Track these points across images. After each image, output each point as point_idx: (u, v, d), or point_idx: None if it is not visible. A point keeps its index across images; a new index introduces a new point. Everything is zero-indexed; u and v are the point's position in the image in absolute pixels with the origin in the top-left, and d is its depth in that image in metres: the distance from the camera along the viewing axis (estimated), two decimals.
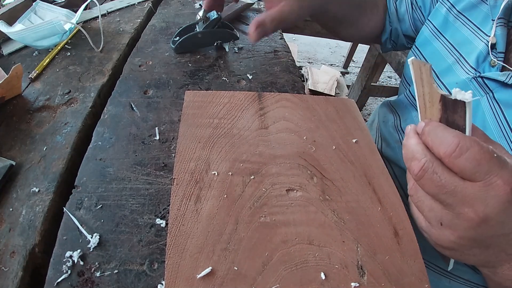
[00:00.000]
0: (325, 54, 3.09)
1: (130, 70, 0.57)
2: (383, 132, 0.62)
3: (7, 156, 0.41)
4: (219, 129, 0.41)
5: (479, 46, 0.43)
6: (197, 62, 0.62)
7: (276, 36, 0.77)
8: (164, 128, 0.46)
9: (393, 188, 0.38)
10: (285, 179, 0.37)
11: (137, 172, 0.40)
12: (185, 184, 0.35)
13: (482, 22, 0.45)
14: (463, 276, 0.46)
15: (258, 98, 0.47)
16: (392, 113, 0.61)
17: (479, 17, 0.46)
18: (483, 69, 0.42)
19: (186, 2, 0.90)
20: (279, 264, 0.30)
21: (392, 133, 0.58)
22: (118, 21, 0.74)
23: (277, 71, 0.63)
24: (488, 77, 0.41)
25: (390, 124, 0.60)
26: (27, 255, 0.32)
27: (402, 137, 0.54)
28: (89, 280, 0.30)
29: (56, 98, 0.50)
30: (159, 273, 0.31)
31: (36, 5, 0.69)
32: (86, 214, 0.35)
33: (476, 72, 0.43)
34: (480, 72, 0.42)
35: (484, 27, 0.45)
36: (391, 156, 0.57)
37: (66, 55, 0.60)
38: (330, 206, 0.35)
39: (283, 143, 0.41)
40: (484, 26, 0.45)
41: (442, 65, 0.49)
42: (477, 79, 0.42)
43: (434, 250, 0.30)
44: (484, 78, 0.41)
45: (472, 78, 0.43)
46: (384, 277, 0.30)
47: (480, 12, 0.46)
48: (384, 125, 0.62)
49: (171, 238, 0.30)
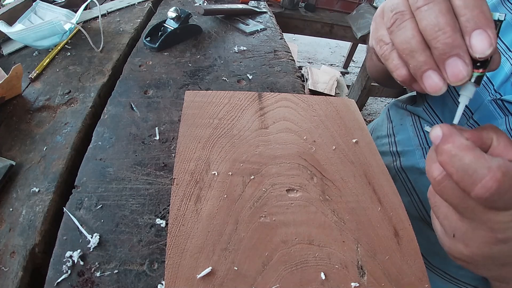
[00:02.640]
0: (325, 54, 3.09)
1: (130, 70, 0.57)
2: (399, 135, 0.58)
3: (7, 156, 0.41)
4: (219, 129, 0.41)
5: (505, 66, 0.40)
6: (197, 62, 0.62)
7: (276, 36, 0.77)
8: (164, 128, 0.46)
9: (393, 188, 0.38)
10: (285, 179, 0.37)
11: (137, 172, 0.40)
12: (185, 184, 0.35)
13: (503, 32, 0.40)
14: (471, 283, 0.46)
15: (258, 98, 0.47)
16: (410, 115, 0.57)
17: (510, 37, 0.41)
18: (504, 90, 0.40)
19: (186, 2, 0.90)
20: (279, 264, 0.30)
21: (412, 137, 0.54)
22: (118, 21, 0.74)
23: (277, 71, 0.63)
24: (508, 100, 0.38)
25: (408, 127, 0.56)
26: (27, 255, 0.32)
27: (422, 141, 0.51)
28: (89, 280, 0.30)
29: (56, 98, 0.50)
30: (159, 273, 0.31)
31: (36, 5, 0.69)
32: (86, 214, 0.35)
33: (496, 94, 0.40)
34: (500, 94, 0.40)
35: (505, 37, 0.40)
36: (408, 161, 0.53)
37: (66, 55, 0.60)
38: (330, 206, 0.35)
39: (283, 143, 0.41)
40: (505, 36, 0.40)
41: None
42: (497, 102, 0.40)
43: (442, 256, 0.29)
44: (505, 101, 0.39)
45: (492, 100, 0.40)
46: (384, 277, 0.30)
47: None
48: (402, 128, 0.58)
49: (171, 238, 0.30)
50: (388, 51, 0.24)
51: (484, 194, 0.19)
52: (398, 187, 0.38)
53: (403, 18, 0.22)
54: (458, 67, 0.21)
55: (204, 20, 0.79)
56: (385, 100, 2.53)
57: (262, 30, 0.79)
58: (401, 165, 0.54)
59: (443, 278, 0.48)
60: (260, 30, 0.79)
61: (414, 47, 0.22)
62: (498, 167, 0.19)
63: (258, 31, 0.78)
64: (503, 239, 0.21)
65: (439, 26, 0.20)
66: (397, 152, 0.56)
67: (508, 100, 0.38)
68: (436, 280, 0.48)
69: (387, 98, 2.46)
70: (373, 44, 0.27)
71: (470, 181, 0.20)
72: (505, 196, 0.19)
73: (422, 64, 0.22)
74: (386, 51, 0.24)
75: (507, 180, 0.19)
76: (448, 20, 0.20)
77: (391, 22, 0.23)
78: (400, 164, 0.54)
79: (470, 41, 0.20)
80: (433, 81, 0.22)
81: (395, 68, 0.24)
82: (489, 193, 0.19)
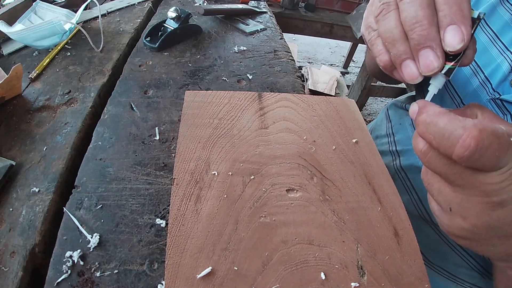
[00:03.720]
0: (325, 54, 3.09)
1: (130, 70, 0.57)
2: (399, 135, 0.59)
3: (7, 156, 0.41)
4: (219, 129, 0.41)
5: (503, 65, 0.40)
6: (197, 62, 0.62)
7: (276, 36, 0.77)
8: (164, 128, 0.46)
9: (393, 188, 0.38)
10: (285, 179, 0.37)
11: (137, 172, 0.40)
12: (185, 184, 0.35)
13: (501, 31, 0.41)
14: (470, 280, 0.46)
15: (258, 98, 0.47)
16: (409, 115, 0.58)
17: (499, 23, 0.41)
18: (503, 89, 0.40)
19: (186, 2, 0.90)
20: (279, 264, 0.30)
21: (411, 136, 0.54)
22: (118, 21, 0.74)
23: (277, 71, 0.63)
24: (507, 100, 0.38)
25: (407, 126, 0.57)
26: (27, 255, 0.32)
27: None
28: (89, 280, 0.30)
29: (56, 98, 0.50)
30: (159, 273, 0.31)
31: (36, 5, 0.69)
32: (86, 214, 0.35)
33: (494, 93, 0.40)
34: (499, 94, 0.40)
35: (503, 36, 0.41)
36: (407, 160, 0.54)
37: (66, 55, 0.60)
38: (330, 206, 0.35)
39: (283, 143, 0.41)
40: (503, 35, 0.41)
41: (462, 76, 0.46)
42: (495, 101, 0.40)
43: (442, 253, 0.29)
44: (503, 101, 0.39)
45: (491, 99, 0.40)
46: (384, 277, 0.30)
47: (500, 18, 0.41)
48: (401, 127, 0.59)
49: (171, 238, 0.30)
50: (374, 37, 0.26)
51: (464, 153, 0.19)
52: (398, 186, 0.39)
53: (389, 9, 0.24)
54: (430, 58, 0.22)
55: (204, 20, 0.79)
56: (385, 100, 2.53)
57: (262, 30, 0.79)
58: (400, 164, 0.54)
59: (442, 276, 0.48)
60: (260, 30, 0.79)
61: (395, 36, 0.23)
62: (473, 125, 0.20)
63: (258, 31, 0.78)
64: (499, 202, 0.21)
65: (417, 18, 0.22)
66: (397, 151, 0.57)
67: (506, 100, 0.39)
68: (435, 277, 0.48)
69: (387, 98, 2.46)
70: (363, 30, 0.28)
71: (449, 143, 0.20)
72: (487, 154, 0.19)
73: (402, 53, 0.23)
74: (373, 37, 0.26)
75: (485, 137, 0.19)
76: (427, 14, 0.22)
77: (378, 11, 0.25)
78: (399, 163, 0.54)
79: (443, 35, 0.22)
80: (410, 69, 0.24)
81: (378, 53, 0.26)
82: (469, 151, 0.19)
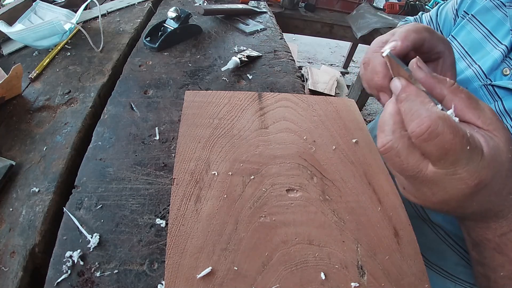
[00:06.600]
0: (325, 54, 3.09)
1: (130, 70, 0.57)
2: None
3: (7, 156, 0.40)
4: (219, 129, 0.41)
5: (495, 54, 0.43)
6: (197, 62, 0.62)
7: (276, 36, 0.77)
8: (164, 128, 0.46)
9: (393, 188, 0.38)
10: (285, 179, 0.37)
11: (137, 172, 0.40)
12: (185, 184, 0.35)
13: (495, 28, 0.45)
14: (468, 280, 0.46)
15: (258, 98, 0.47)
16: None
17: (492, 22, 0.45)
18: (494, 77, 0.43)
19: (186, 2, 0.90)
20: (279, 264, 0.30)
21: None
22: (118, 21, 0.74)
23: (277, 71, 0.63)
24: (498, 85, 0.41)
25: None
26: (27, 255, 0.32)
27: None
28: (89, 280, 0.30)
29: (56, 98, 0.50)
30: (159, 273, 0.31)
31: (36, 5, 0.69)
32: (86, 214, 0.35)
33: (487, 80, 0.43)
34: (491, 80, 0.42)
35: (496, 32, 0.44)
36: None
37: (66, 55, 0.60)
38: (330, 206, 0.35)
39: (283, 143, 0.41)
40: (496, 32, 0.44)
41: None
42: (487, 87, 0.42)
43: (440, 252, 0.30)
44: (495, 86, 0.41)
45: (483, 86, 0.43)
46: (384, 277, 0.30)
47: (493, 17, 0.46)
48: None
49: (171, 238, 0.30)
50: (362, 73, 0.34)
51: (415, 128, 0.22)
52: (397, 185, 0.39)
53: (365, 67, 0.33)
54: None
55: (204, 20, 0.79)
56: None
57: (262, 30, 0.79)
58: None
59: (440, 275, 0.48)
60: (260, 30, 0.79)
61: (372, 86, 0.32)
62: (437, 113, 0.22)
63: (258, 31, 0.78)
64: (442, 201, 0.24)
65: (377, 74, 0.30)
66: None
67: (498, 85, 0.41)
68: (433, 276, 0.48)
69: None
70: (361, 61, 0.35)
71: (411, 118, 0.23)
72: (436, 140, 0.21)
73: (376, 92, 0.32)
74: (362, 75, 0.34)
75: (440, 124, 0.21)
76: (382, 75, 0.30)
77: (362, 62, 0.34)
78: None
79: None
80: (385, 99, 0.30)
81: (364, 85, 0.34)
82: (420, 128, 0.22)
